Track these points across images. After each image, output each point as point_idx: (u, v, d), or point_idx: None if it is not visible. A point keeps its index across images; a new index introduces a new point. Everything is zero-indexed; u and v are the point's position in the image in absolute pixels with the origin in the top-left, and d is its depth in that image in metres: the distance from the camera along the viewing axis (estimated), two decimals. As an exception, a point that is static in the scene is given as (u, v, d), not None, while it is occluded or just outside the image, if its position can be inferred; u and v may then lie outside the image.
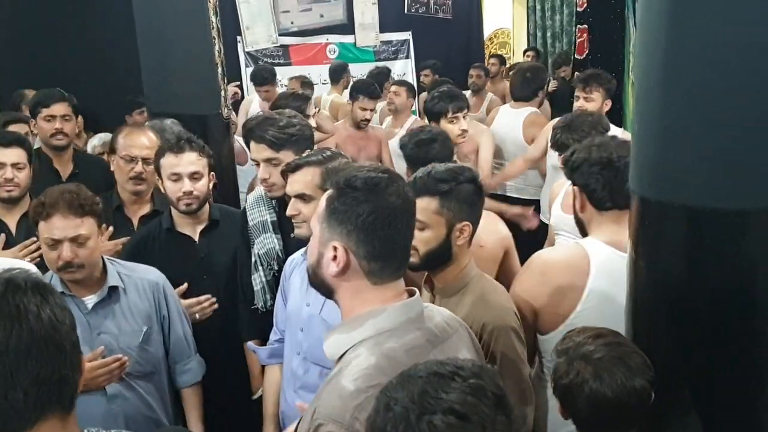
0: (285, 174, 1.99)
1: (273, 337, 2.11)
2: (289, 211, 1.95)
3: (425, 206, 1.70)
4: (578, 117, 2.67)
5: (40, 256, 2.17)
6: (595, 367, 1.35)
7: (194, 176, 2.31)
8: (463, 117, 3.33)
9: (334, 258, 1.25)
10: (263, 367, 2.18)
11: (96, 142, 3.66)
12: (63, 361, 0.95)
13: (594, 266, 1.75)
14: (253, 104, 5.20)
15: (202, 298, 2.29)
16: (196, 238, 2.41)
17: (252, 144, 2.28)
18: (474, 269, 1.79)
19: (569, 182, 1.99)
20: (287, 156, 2.21)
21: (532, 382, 1.72)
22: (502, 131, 4.09)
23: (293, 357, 1.91)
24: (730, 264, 1.26)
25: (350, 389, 1.17)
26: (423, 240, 1.71)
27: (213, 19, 3.08)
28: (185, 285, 2.28)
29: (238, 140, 3.44)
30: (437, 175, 1.74)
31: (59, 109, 3.15)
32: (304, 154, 2.06)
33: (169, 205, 2.40)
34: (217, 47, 3.12)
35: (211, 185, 2.40)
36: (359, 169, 1.29)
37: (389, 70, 6.43)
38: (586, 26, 4.45)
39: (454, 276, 1.76)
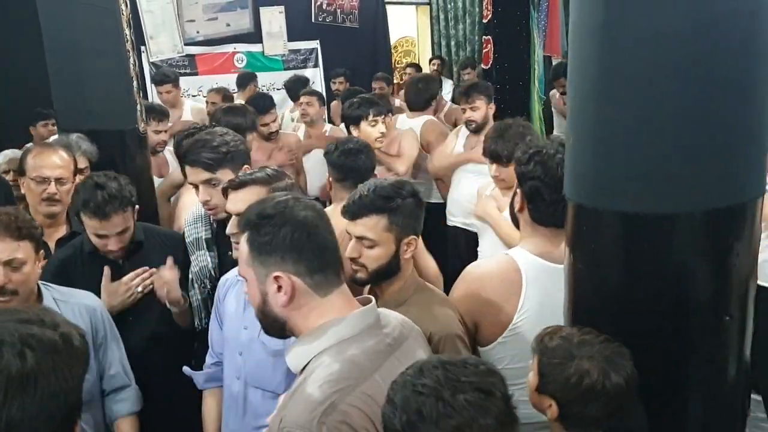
0: (226, 191, 1.95)
1: (209, 360, 2.05)
2: (229, 230, 1.92)
3: (374, 224, 1.73)
4: (510, 127, 2.76)
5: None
6: (596, 365, 1.36)
7: (119, 233, 2.21)
8: (382, 121, 3.40)
9: (279, 288, 1.28)
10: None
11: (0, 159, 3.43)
12: None
13: (525, 277, 1.78)
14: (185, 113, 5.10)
15: (139, 270, 2.23)
16: (121, 261, 2.31)
17: (187, 168, 2.23)
18: (416, 280, 1.83)
19: None
20: (225, 174, 2.17)
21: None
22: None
23: (233, 381, 1.87)
24: (664, 266, 1.35)
25: (316, 396, 1.20)
26: (373, 257, 1.73)
27: (126, 31, 2.98)
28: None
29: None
30: (383, 192, 1.76)
31: None
32: (248, 172, 2.02)
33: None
34: (131, 60, 3.03)
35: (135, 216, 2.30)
36: (262, 203, 1.36)
37: (307, 79, 6.42)
38: (490, 37, 4.61)
39: (398, 288, 1.79)
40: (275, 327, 1.34)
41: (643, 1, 1.27)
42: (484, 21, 4.78)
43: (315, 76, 7.78)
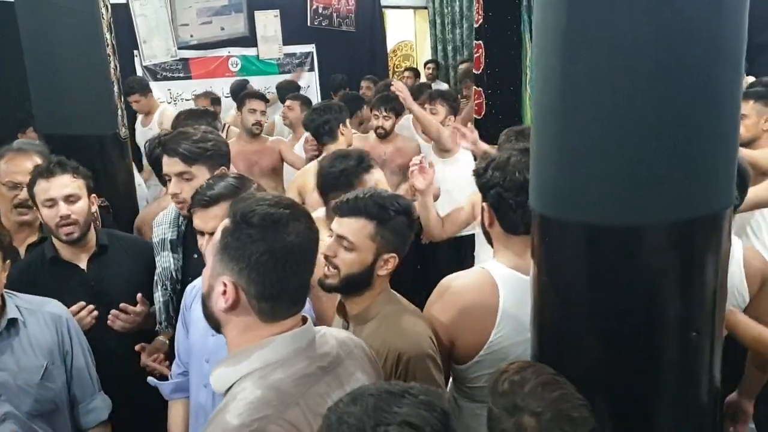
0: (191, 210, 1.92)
1: (176, 370, 2.01)
2: (202, 248, 1.88)
3: (360, 228, 1.68)
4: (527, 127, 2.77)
5: None
6: (540, 424, 1.28)
7: (70, 199, 2.19)
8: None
9: (224, 293, 1.21)
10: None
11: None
12: None
13: (502, 292, 1.74)
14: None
15: (82, 303, 2.19)
16: (84, 267, 2.28)
17: (165, 158, 2.21)
18: (389, 296, 1.77)
19: None
20: (200, 171, 2.15)
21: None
22: None
23: (200, 390, 1.83)
24: (628, 280, 1.31)
25: (234, 424, 1.14)
26: (347, 261, 1.68)
27: (107, 36, 2.96)
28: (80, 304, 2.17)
29: None
30: (380, 200, 1.70)
31: None
32: (210, 183, 1.98)
33: (50, 233, 2.26)
34: (112, 65, 3.00)
35: (93, 208, 2.28)
36: (260, 202, 1.24)
37: (298, 86, 6.39)
38: (482, 42, 4.58)
39: (369, 303, 1.73)
40: (212, 321, 1.28)
41: (604, 7, 1.23)
42: (476, 26, 4.74)
43: (311, 79, 7.77)
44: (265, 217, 1.20)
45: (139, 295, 2.22)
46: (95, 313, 2.19)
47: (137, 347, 2.16)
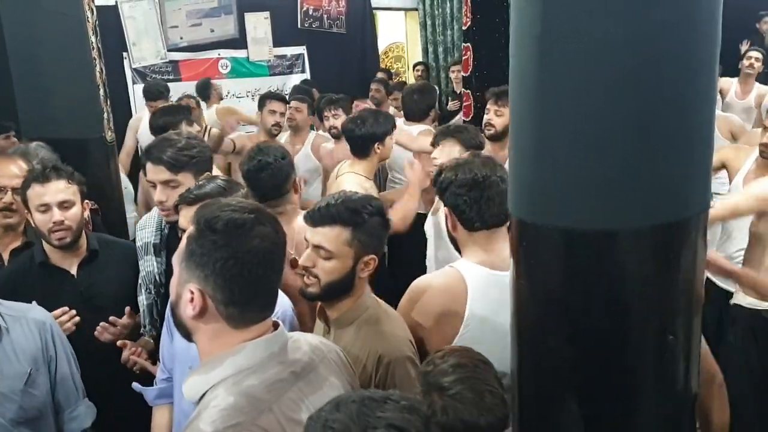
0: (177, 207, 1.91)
1: (160, 375, 2.01)
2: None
3: (336, 236, 1.67)
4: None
5: None
6: (444, 402, 1.34)
7: (64, 205, 2.18)
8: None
9: (191, 300, 1.20)
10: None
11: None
12: None
13: (471, 289, 1.77)
14: (143, 122, 5.01)
15: (65, 308, 2.17)
16: (74, 272, 2.27)
17: (149, 165, 2.19)
18: (369, 298, 1.77)
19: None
20: (186, 178, 2.15)
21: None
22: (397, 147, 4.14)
23: (183, 397, 1.83)
24: (605, 284, 1.31)
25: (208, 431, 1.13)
26: (327, 270, 1.68)
27: (92, 39, 2.95)
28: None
29: None
30: (351, 204, 1.70)
31: None
32: (198, 184, 1.99)
33: (41, 238, 2.25)
34: (98, 68, 2.99)
35: (86, 214, 2.27)
36: (224, 208, 1.23)
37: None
38: (470, 44, 4.58)
39: (349, 307, 1.73)
40: (182, 329, 1.27)
41: (578, 12, 1.24)
42: (464, 28, 4.74)
43: (302, 82, 7.77)
44: (229, 223, 1.19)
45: (127, 308, 2.21)
46: (77, 318, 2.18)
47: (119, 343, 2.14)
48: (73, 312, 2.17)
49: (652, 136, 1.26)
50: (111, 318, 2.18)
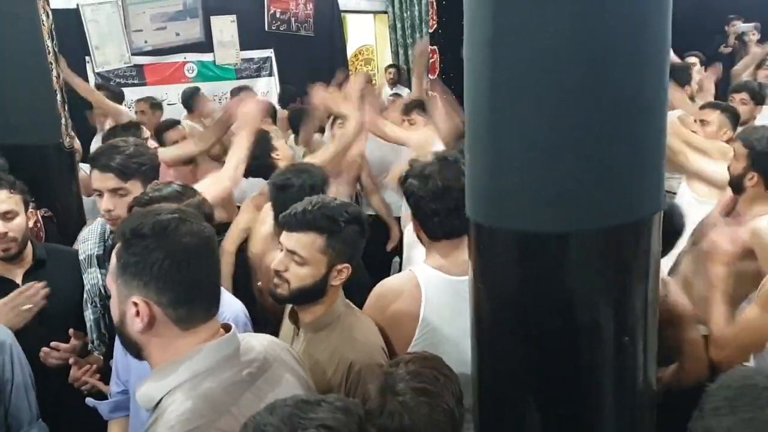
0: (131, 208, 1.87)
1: (115, 388, 1.95)
2: None
3: (310, 242, 1.66)
4: None
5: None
6: (393, 406, 1.35)
7: (7, 216, 2.10)
8: None
9: (137, 313, 1.18)
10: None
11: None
12: None
13: (425, 293, 1.77)
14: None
15: (25, 286, 2.09)
16: (19, 281, 2.19)
17: (95, 173, 2.13)
18: (343, 304, 1.76)
19: None
20: (135, 186, 2.10)
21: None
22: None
23: (140, 408, 1.78)
24: (559, 286, 1.32)
25: None
26: (298, 275, 1.66)
27: (48, 43, 2.88)
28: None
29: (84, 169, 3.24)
30: (327, 211, 1.68)
31: None
32: (155, 188, 1.95)
33: None
34: (54, 73, 2.93)
35: (31, 223, 2.20)
36: (146, 216, 1.23)
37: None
38: (436, 47, 4.59)
39: (322, 312, 1.72)
40: (132, 349, 1.26)
41: (529, 15, 1.24)
42: (430, 31, 4.75)
43: (269, 85, 7.73)
44: (155, 226, 1.19)
45: (71, 330, 2.12)
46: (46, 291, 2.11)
47: (71, 360, 2.09)
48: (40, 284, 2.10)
49: (603, 140, 1.27)
50: (53, 343, 2.10)
